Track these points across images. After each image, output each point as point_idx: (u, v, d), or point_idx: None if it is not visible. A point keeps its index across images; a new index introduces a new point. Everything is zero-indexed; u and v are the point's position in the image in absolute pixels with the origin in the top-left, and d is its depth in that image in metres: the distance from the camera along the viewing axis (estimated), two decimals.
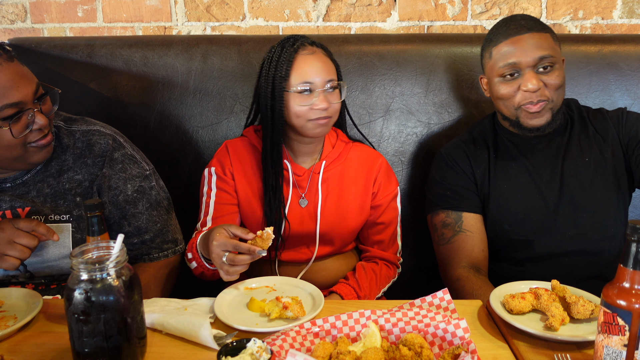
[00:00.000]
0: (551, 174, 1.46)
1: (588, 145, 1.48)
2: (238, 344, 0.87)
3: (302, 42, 1.39)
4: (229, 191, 1.47)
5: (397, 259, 1.58)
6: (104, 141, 1.40)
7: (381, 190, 1.52)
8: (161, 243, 1.45)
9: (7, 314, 1.11)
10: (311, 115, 1.37)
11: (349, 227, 1.50)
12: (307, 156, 1.50)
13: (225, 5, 2.00)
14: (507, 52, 1.39)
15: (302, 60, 1.37)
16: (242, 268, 1.14)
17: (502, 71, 1.41)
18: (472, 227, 1.48)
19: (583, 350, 0.99)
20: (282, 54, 1.37)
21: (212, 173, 1.48)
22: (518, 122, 1.44)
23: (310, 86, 1.36)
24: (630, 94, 1.75)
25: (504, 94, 1.42)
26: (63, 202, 1.34)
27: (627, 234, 0.82)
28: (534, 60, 1.37)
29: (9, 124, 1.19)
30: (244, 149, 1.50)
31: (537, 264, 1.45)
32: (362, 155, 1.54)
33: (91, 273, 0.87)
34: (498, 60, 1.41)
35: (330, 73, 1.38)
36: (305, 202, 1.48)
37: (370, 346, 0.96)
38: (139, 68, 1.79)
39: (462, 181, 1.51)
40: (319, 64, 1.37)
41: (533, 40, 1.38)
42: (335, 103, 1.39)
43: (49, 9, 2.03)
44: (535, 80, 1.36)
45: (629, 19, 1.99)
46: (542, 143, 1.49)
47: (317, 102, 1.35)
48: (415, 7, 1.98)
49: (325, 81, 1.36)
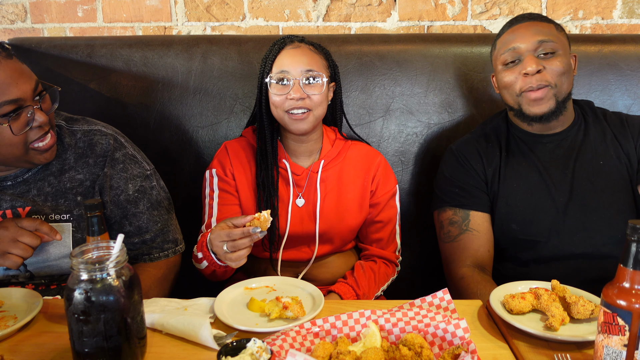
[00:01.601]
0: (562, 174, 1.44)
1: (604, 149, 1.45)
2: (238, 344, 0.87)
3: (292, 39, 1.42)
4: (230, 192, 1.47)
5: (396, 258, 1.58)
6: (105, 141, 1.40)
7: (379, 188, 1.52)
8: (162, 243, 1.45)
9: (7, 314, 1.11)
10: (286, 105, 1.38)
11: (348, 226, 1.50)
12: (305, 155, 1.51)
13: (225, 5, 2.00)
14: (508, 40, 1.43)
15: (284, 53, 1.40)
16: (246, 251, 1.17)
17: (504, 58, 1.43)
18: (479, 226, 1.47)
19: (583, 350, 0.99)
20: (271, 50, 1.42)
21: (214, 175, 1.49)
22: (521, 111, 1.44)
23: (286, 75, 1.37)
24: (630, 94, 1.75)
25: (506, 81, 1.43)
26: (64, 202, 1.35)
27: (627, 234, 0.82)
28: (533, 45, 1.38)
29: (8, 121, 1.19)
30: (243, 149, 1.51)
31: (542, 265, 1.44)
32: (360, 153, 1.54)
33: (91, 273, 0.87)
34: (500, 49, 1.45)
35: (310, 64, 1.38)
36: (302, 202, 1.48)
37: (370, 346, 0.96)
38: (139, 68, 1.79)
39: (472, 179, 1.50)
40: (298, 56, 1.38)
41: (533, 27, 1.41)
42: (313, 95, 1.38)
43: (49, 9, 2.03)
44: (534, 63, 1.37)
45: (629, 19, 1.99)
46: (553, 142, 1.47)
47: (291, 92, 1.36)
48: (415, 7, 1.98)
49: (302, 71, 1.37)
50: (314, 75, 1.38)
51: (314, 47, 1.43)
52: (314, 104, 1.39)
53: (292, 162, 1.49)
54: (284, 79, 1.37)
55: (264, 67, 1.43)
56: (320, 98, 1.40)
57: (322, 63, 1.42)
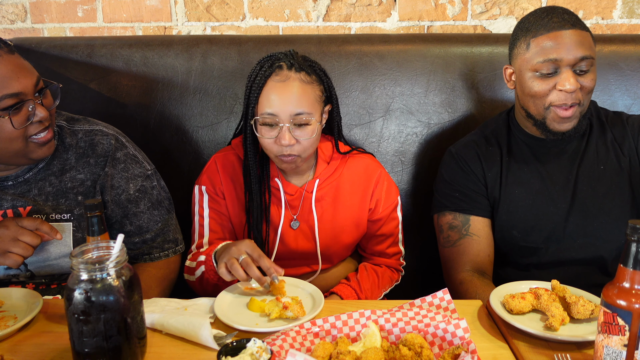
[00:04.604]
0: (565, 180, 1.41)
1: (605, 153, 1.42)
2: (238, 344, 0.87)
3: (279, 65, 1.28)
4: (221, 211, 1.44)
5: (400, 264, 1.57)
6: (106, 141, 1.40)
7: (380, 204, 1.47)
8: (162, 242, 1.45)
9: (7, 314, 1.11)
10: (275, 149, 1.29)
11: (344, 245, 1.47)
12: (299, 174, 1.44)
13: (225, 5, 2.00)
14: (548, 47, 1.29)
15: (271, 87, 1.27)
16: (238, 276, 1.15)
17: (540, 67, 1.31)
18: (479, 231, 1.44)
19: (583, 350, 0.99)
20: (257, 76, 1.29)
21: (203, 192, 1.44)
22: (544, 124, 1.36)
23: (273, 119, 1.27)
24: (630, 94, 1.75)
25: (537, 91, 1.33)
26: (64, 201, 1.35)
27: (627, 234, 0.82)
28: (575, 59, 1.28)
29: (9, 114, 1.19)
30: (232, 165, 1.44)
31: (543, 270, 1.42)
32: (359, 169, 1.47)
33: (91, 273, 0.87)
34: (537, 54, 1.31)
35: (300, 105, 1.26)
36: (297, 224, 1.43)
37: (370, 346, 0.96)
38: (139, 68, 1.79)
39: (472, 184, 1.46)
40: (287, 94, 1.25)
41: (576, 37, 1.29)
42: (304, 139, 1.28)
43: (49, 9, 2.03)
44: (574, 80, 1.28)
45: (629, 19, 1.98)
46: (557, 147, 1.43)
47: (279, 137, 1.27)
48: (415, 7, 1.98)
49: (292, 115, 1.25)
50: (304, 120, 1.27)
51: (305, 73, 1.29)
52: (303, 149, 1.30)
53: (285, 181, 1.42)
54: (272, 122, 1.27)
55: (248, 97, 1.31)
56: (310, 142, 1.31)
57: (314, 95, 1.30)
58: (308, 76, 1.30)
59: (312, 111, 1.29)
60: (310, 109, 1.28)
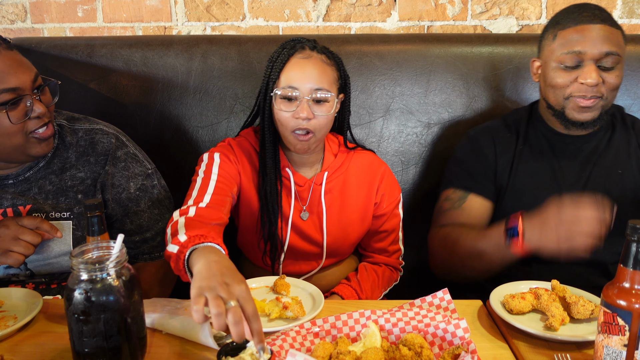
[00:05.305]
0: (576, 178, 1.40)
1: (626, 157, 1.40)
2: (238, 344, 0.87)
3: (302, 45, 1.33)
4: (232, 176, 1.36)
5: (399, 263, 1.57)
6: (107, 140, 1.41)
7: (384, 199, 1.48)
8: (162, 242, 1.45)
9: (7, 314, 1.11)
10: (292, 124, 1.30)
11: (351, 239, 1.48)
12: (307, 166, 1.45)
13: (225, 5, 2.00)
14: (574, 39, 1.30)
15: (294, 63, 1.30)
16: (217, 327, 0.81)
17: (564, 58, 1.32)
18: (473, 210, 1.42)
19: (583, 350, 0.99)
20: (280, 55, 1.33)
21: (216, 157, 1.36)
22: (562, 114, 1.36)
23: (294, 92, 1.29)
24: (630, 94, 1.75)
25: (558, 82, 1.34)
26: (64, 199, 1.35)
27: (627, 234, 0.82)
28: (600, 54, 1.28)
29: (6, 109, 1.20)
30: (245, 152, 1.42)
31: (545, 266, 1.40)
32: (364, 163, 1.48)
33: (91, 273, 0.87)
34: (562, 46, 1.32)
35: (320, 81, 1.29)
36: (307, 215, 1.43)
37: (370, 346, 0.96)
38: (139, 68, 1.79)
39: (481, 166, 1.46)
40: (309, 70, 1.29)
41: (603, 32, 1.29)
42: (321, 115, 1.30)
43: (49, 9, 2.03)
44: (595, 75, 1.28)
45: (629, 19, 1.98)
46: (575, 144, 1.42)
47: (298, 110, 1.28)
48: (415, 7, 1.98)
49: (312, 89, 1.28)
50: (323, 96, 1.30)
51: (326, 56, 1.34)
52: (319, 126, 1.32)
53: (295, 172, 1.43)
54: (292, 96, 1.29)
55: (270, 72, 1.33)
56: (326, 120, 1.33)
57: (332, 77, 1.34)
58: (328, 59, 1.35)
59: (331, 90, 1.32)
60: (329, 87, 1.32)
